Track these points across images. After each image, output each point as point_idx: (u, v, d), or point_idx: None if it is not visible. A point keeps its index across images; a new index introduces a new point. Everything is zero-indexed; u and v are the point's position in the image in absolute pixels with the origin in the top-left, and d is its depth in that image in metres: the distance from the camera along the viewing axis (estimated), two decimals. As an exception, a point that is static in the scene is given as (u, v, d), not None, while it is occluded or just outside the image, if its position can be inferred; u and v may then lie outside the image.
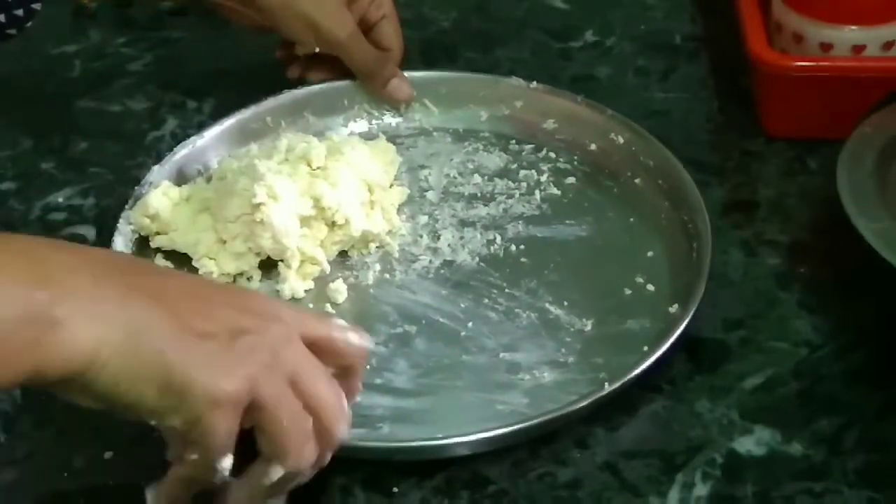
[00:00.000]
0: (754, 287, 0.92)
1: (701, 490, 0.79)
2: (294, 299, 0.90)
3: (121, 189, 0.97)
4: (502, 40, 1.15)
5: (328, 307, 0.90)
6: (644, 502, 0.79)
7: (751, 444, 0.82)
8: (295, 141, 0.95)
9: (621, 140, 1.00)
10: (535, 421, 0.81)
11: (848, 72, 1.00)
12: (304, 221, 0.91)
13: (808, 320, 0.89)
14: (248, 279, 0.92)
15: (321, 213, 0.92)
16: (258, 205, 0.89)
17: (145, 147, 1.04)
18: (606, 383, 0.82)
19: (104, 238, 0.93)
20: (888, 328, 0.88)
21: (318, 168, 0.93)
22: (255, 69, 1.12)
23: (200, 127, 1.02)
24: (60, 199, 1.00)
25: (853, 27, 1.00)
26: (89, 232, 0.97)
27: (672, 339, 0.84)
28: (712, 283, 0.89)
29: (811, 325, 0.89)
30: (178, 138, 1.01)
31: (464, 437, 0.80)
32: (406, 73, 1.05)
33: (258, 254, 0.91)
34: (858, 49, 1.00)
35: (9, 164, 1.04)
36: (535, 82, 1.04)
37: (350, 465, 0.81)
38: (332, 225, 0.92)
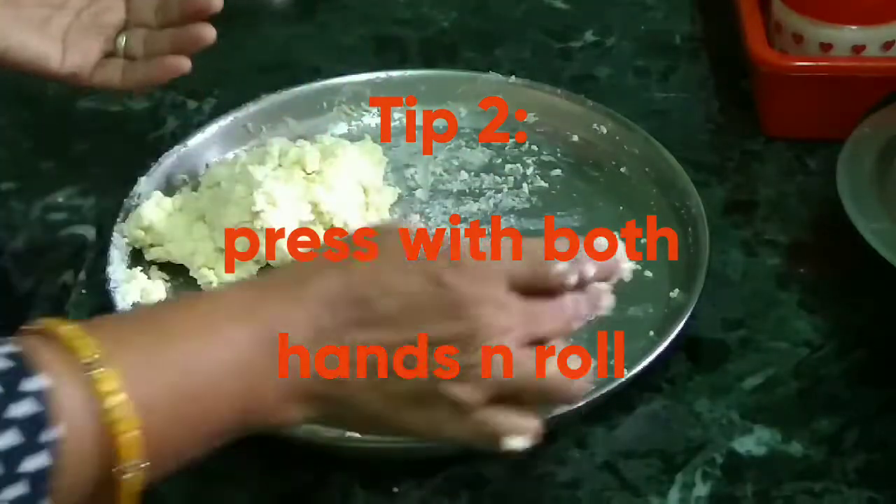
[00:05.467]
0: (754, 287, 0.92)
1: (701, 490, 0.79)
2: None
3: (121, 189, 0.97)
4: (502, 40, 1.15)
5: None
6: (644, 502, 0.79)
7: (751, 443, 0.82)
8: (287, 145, 0.95)
9: (604, 130, 1.00)
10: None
11: (848, 72, 1.00)
12: (303, 226, 0.91)
13: (807, 320, 0.89)
14: None
15: (320, 217, 0.92)
16: (258, 212, 0.89)
17: (145, 147, 1.04)
18: (626, 370, 0.82)
19: (103, 238, 0.93)
20: (888, 328, 0.88)
21: (313, 172, 0.93)
22: (255, 69, 1.12)
23: (199, 127, 1.02)
24: (60, 199, 1.00)
25: (853, 27, 1.00)
26: (89, 232, 0.97)
27: (681, 325, 0.85)
28: (712, 282, 0.89)
29: (811, 325, 0.89)
30: (178, 138, 1.01)
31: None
32: (382, 73, 1.04)
33: (258, 261, 0.91)
34: (858, 49, 1.00)
35: (9, 164, 1.04)
36: (512, 77, 1.04)
37: (350, 465, 0.81)
38: (331, 229, 0.92)
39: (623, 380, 0.82)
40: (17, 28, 0.91)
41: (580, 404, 0.81)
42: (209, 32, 0.92)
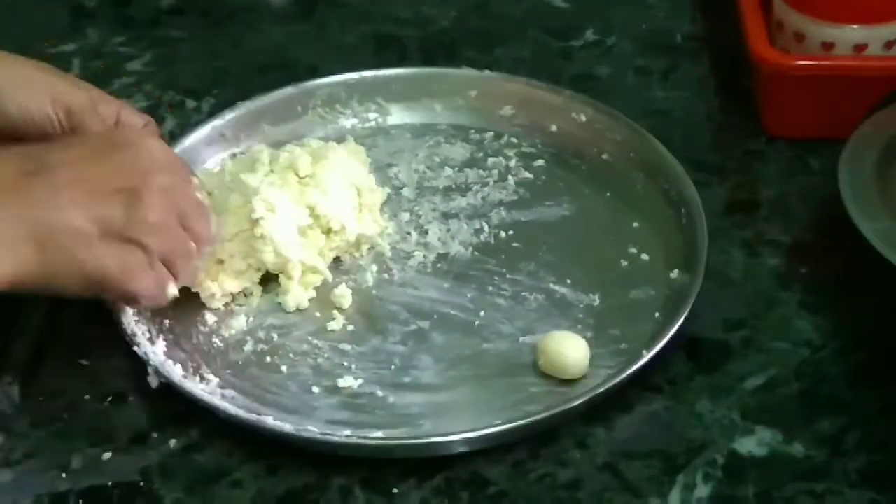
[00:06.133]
0: (755, 287, 0.91)
1: (702, 491, 0.79)
2: (299, 310, 0.90)
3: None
4: (502, 39, 1.14)
5: (335, 313, 0.89)
6: (645, 503, 0.79)
7: (752, 444, 0.82)
8: (276, 151, 0.95)
9: (583, 118, 1.00)
10: (536, 417, 0.81)
11: (849, 71, 1.00)
12: (301, 231, 0.91)
13: (809, 320, 0.89)
14: (246, 295, 0.91)
15: (317, 220, 0.91)
16: (257, 220, 0.89)
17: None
18: (645, 351, 0.83)
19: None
20: (889, 328, 0.88)
21: (307, 176, 0.92)
22: (254, 68, 1.12)
23: (198, 126, 1.02)
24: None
25: (855, 26, 1.00)
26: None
27: (689, 305, 0.85)
28: (713, 282, 0.89)
29: (812, 325, 0.89)
30: (177, 138, 1.01)
31: (461, 434, 0.80)
32: (356, 73, 1.04)
33: (258, 269, 0.91)
34: (860, 48, 1.00)
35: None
36: (487, 70, 1.04)
37: (350, 465, 0.81)
38: (329, 232, 0.92)
39: (629, 373, 0.82)
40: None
41: (579, 402, 0.81)
42: None
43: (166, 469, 0.81)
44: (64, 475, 0.81)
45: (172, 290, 0.83)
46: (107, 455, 0.82)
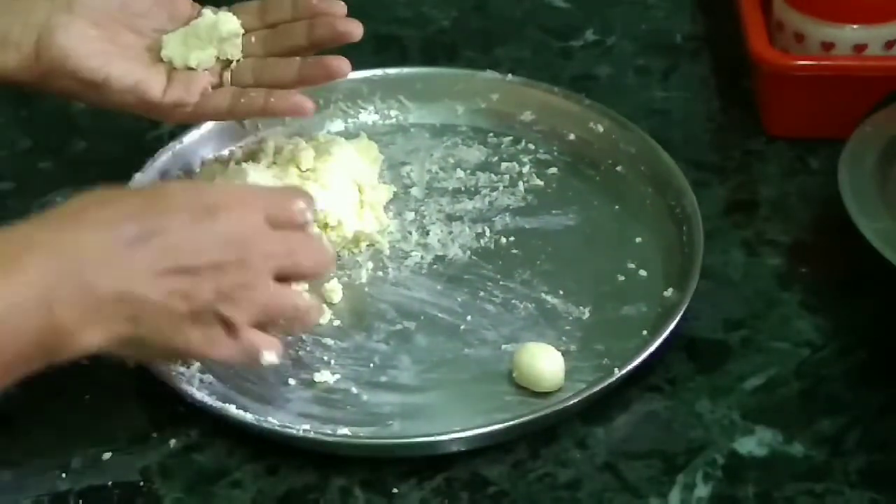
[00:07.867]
0: (755, 287, 0.91)
1: (702, 491, 0.79)
2: None
3: (119, 189, 0.96)
4: (502, 39, 1.14)
5: (324, 307, 0.89)
6: (645, 503, 0.79)
7: (752, 444, 0.82)
8: (281, 142, 0.95)
9: (601, 129, 1.00)
10: (533, 415, 0.81)
11: (849, 71, 0.99)
12: None
13: (809, 320, 0.89)
14: None
15: (314, 215, 0.91)
16: None
17: (144, 147, 1.03)
18: (616, 369, 0.82)
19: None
20: (890, 328, 0.88)
21: (308, 170, 0.92)
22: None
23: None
24: (59, 199, 0.99)
25: (855, 26, 1.00)
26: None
27: (673, 324, 0.84)
28: (713, 282, 0.89)
29: (812, 325, 0.89)
30: (176, 138, 1.01)
31: (460, 433, 0.80)
32: (379, 71, 1.05)
33: None
34: (860, 48, 1.00)
35: (6, 163, 1.03)
36: (510, 75, 1.04)
37: (350, 465, 0.81)
38: (325, 227, 0.92)
39: (614, 378, 0.82)
40: (118, 56, 0.89)
41: (574, 401, 0.81)
42: (344, 67, 0.89)
43: (166, 469, 0.81)
44: (64, 475, 0.81)
45: (268, 358, 0.78)
46: (107, 455, 0.82)
